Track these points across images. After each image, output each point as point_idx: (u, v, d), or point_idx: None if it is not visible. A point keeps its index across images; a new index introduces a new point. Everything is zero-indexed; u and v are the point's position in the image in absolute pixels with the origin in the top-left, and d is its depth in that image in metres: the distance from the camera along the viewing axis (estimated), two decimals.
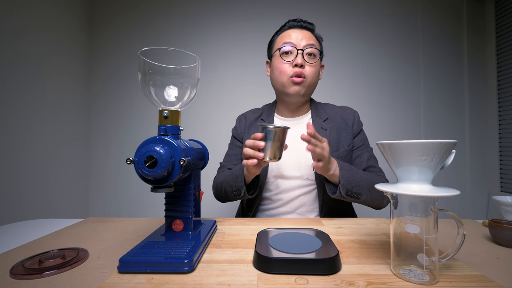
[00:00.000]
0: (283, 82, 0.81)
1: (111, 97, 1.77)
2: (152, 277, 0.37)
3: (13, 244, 0.52)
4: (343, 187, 0.67)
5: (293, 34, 0.81)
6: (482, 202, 1.71)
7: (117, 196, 1.76)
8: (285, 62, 0.80)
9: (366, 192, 0.70)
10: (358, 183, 0.69)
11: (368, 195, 0.70)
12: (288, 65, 0.80)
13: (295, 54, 0.79)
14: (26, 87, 1.30)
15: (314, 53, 0.80)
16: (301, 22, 0.83)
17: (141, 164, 0.39)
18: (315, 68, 0.81)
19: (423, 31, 1.74)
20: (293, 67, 0.79)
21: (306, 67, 0.80)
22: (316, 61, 0.81)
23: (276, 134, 0.61)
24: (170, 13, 1.76)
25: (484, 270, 0.40)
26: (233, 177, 0.75)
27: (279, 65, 0.82)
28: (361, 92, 1.73)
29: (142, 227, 0.61)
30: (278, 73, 0.82)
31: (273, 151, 0.62)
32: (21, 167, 1.27)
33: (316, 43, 0.82)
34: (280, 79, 0.82)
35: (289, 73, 0.79)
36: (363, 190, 0.70)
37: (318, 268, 0.38)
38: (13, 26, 1.23)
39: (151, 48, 0.46)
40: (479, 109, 1.72)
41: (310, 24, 0.84)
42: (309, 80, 0.80)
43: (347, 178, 0.68)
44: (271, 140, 0.61)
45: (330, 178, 0.69)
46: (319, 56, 0.82)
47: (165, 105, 0.47)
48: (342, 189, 0.67)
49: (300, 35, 0.80)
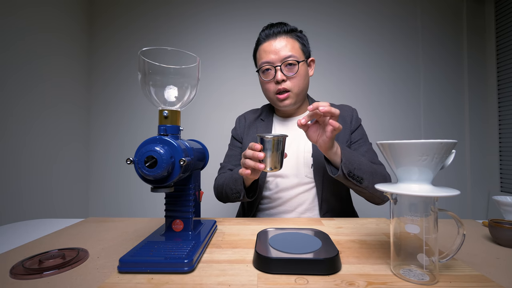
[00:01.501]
0: (270, 98, 0.84)
1: (111, 98, 1.77)
2: (152, 277, 0.37)
3: (13, 244, 0.52)
4: (345, 166, 0.65)
5: (267, 48, 0.80)
6: (482, 202, 1.71)
7: (117, 196, 1.76)
8: (266, 82, 0.82)
9: (368, 178, 0.67)
10: (360, 166, 0.67)
11: (370, 181, 0.68)
12: (271, 83, 0.81)
13: (273, 71, 0.79)
14: (26, 88, 1.30)
15: (293, 63, 0.79)
16: (274, 28, 0.81)
17: (141, 164, 0.39)
18: (298, 78, 0.80)
19: (423, 31, 1.74)
20: (275, 83, 0.80)
21: (288, 80, 0.79)
22: (296, 71, 0.79)
23: (274, 143, 0.60)
24: (170, 13, 1.76)
25: (484, 270, 0.40)
26: (232, 180, 0.75)
27: (262, 84, 0.85)
28: (361, 92, 1.73)
29: (142, 227, 0.61)
30: (264, 90, 0.85)
31: (273, 161, 0.61)
32: (21, 167, 1.27)
33: (294, 49, 0.79)
34: (267, 95, 0.85)
35: (273, 90, 0.81)
36: (365, 175, 0.67)
37: (318, 268, 0.38)
38: (13, 27, 1.23)
39: (151, 48, 0.46)
40: (479, 109, 1.72)
41: (282, 25, 0.81)
42: (295, 90, 0.80)
43: (349, 158, 0.66)
44: (270, 150, 0.61)
45: (332, 157, 0.66)
46: (298, 65, 0.79)
47: (165, 105, 0.47)
48: (344, 168, 0.64)
49: (276, 47, 0.79)
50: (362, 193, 0.72)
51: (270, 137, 0.60)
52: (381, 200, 0.74)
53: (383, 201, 0.74)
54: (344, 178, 0.66)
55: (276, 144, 0.60)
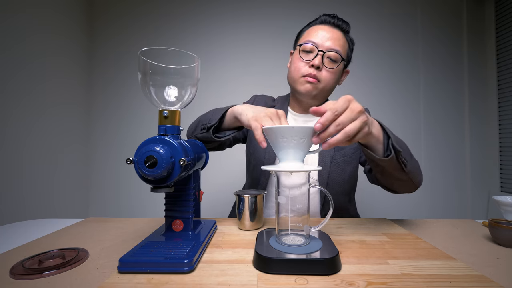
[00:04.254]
0: (295, 78, 0.79)
1: (111, 98, 1.77)
2: (152, 277, 0.37)
3: (13, 244, 0.52)
4: (396, 143, 0.51)
5: (321, 32, 0.76)
6: (482, 202, 1.71)
7: (117, 196, 1.76)
8: (302, 60, 0.77)
9: (410, 160, 0.56)
10: (403, 146, 0.55)
11: (411, 164, 0.57)
12: (305, 64, 0.76)
13: (315, 53, 0.75)
14: (27, 89, 1.30)
15: (336, 59, 0.75)
16: (335, 19, 0.78)
17: (141, 164, 0.39)
18: (332, 74, 0.77)
19: (423, 31, 1.74)
20: (310, 67, 0.75)
21: (323, 70, 0.75)
22: (335, 67, 0.76)
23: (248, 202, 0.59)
24: (170, 13, 1.76)
25: (484, 270, 0.40)
26: (214, 110, 0.69)
27: (296, 61, 0.79)
28: (361, 92, 1.73)
29: (142, 227, 0.61)
30: (293, 69, 0.80)
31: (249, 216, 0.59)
32: (22, 167, 1.27)
33: (342, 48, 0.77)
34: (294, 75, 0.79)
35: (303, 72, 0.76)
36: (408, 156, 0.56)
37: (318, 268, 0.38)
38: (13, 28, 1.23)
39: (151, 48, 0.46)
40: (479, 109, 1.72)
41: (344, 23, 0.79)
42: (323, 84, 0.76)
43: (393, 138, 0.52)
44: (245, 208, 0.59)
45: (367, 139, 0.51)
46: (340, 62, 0.76)
47: (165, 105, 0.47)
48: (397, 146, 0.51)
49: (328, 35, 0.75)
50: (400, 180, 0.59)
51: (247, 196, 0.59)
52: (416, 187, 0.62)
53: (417, 187, 0.63)
54: (396, 160, 0.52)
55: (249, 202, 0.59)
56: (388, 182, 0.63)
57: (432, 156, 1.72)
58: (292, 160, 0.45)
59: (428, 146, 1.73)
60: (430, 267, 0.40)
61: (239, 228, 0.60)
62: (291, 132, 0.42)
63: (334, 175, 0.78)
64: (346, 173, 0.80)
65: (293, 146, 0.43)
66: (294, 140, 0.43)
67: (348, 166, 0.80)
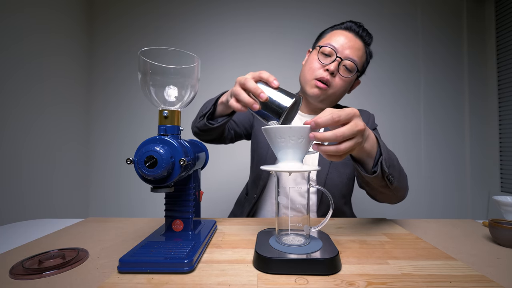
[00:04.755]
0: (306, 79, 0.79)
1: (111, 97, 1.77)
2: (152, 277, 0.37)
3: (13, 244, 0.52)
4: (385, 161, 0.50)
5: (343, 38, 0.76)
6: (482, 202, 1.71)
7: (117, 196, 1.76)
8: (319, 62, 0.77)
9: (397, 176, 0.55)
10: (393, 162, 0.54)
11: (398, 180, 0.56)
12: (320, 66, 0.76)
13: (333, 59, 0.74)
14: (26, 88, 1.30)
15: (351, 68, 0.76)
16: (361, 30, 0.77)
17: (141, 164, 0.39)
18: (344, 82, 0.77)
19: (423, 31, 1.74)
20: (324, 70, 0.75)
21: (337, 77, 0.75)
22: (349, 76, 0.76)
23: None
24: (170, 13, 1.76)
25: (484, 270, 0.40)
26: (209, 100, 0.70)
27: (312, 61, 0.78)
28: (361, 92, 1.73)
29: (142, 227, 0.61)
30: (307, 68, 0.79)
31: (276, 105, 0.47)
32: (21, 167, 1.27)
33: (360, 60, 0.77)
34: (306, 75, 0.79)
35: (317, 75, 0.76)
36: (396, 173, 0.54)
37: (318, 268, 0.38)
38: (13, 27, 1.23)
39: (151, 48, 0.46)
40: (479, 109, 1.72)
41: (368, 35, 0.79)
42: (333, 90, 0.76)
43: (387, 153, 0.52)
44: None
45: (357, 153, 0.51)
46: (354, 73, 0.76)
47: (165, 105, 0.47)
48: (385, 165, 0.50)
49: (349, 43, 0.75)
50: (382, 193, 0.59)
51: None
52: (398, 201, 0.63)
53: (399, 201, 0.63)
54: (381, 178, 0.52)
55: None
56: (372, 192, 0.63)
57: (432, 156, 1.72)
58: (291, 160, 0.45)
59: (428, 146, 1.73)
60: (430, 267, 0.40)
61: None
62: (289, 132, 0.42)
63: (332, 176, 0.78)
64: (345, 175, 0.80)
65: (291, 146, 0.43)
66: (292, 140, 0.43)
67: (347, 168, 0.80)
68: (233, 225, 0.63)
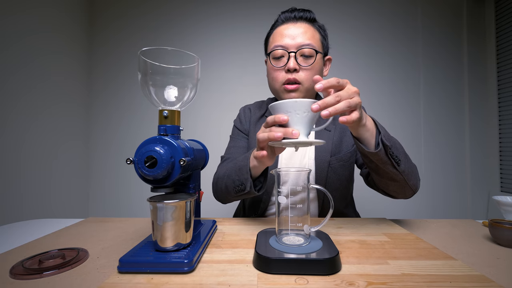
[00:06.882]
0: (276, 89, 0.76)
1: (111, 97, 1.77)
2: (152, 277, 0.37)
3: (13, 244, 0.52)
4: (385, 138, 0.52)
5: (286, 32, 0.72)
6: (482, 202, 1.71)
7: (117, 196, 1.76)
8: (276, 68, 0.73)
9: (404, 160, 0.55)
10: (395, 144, 0.55)
11: (406, 164, 0.56)
12: (280, 71, 0.73)
13: (287, 57, 0.71)
14: (27, 87, 1.30)
15: (310, 54, 0.71)
16: (296, 12, 0.73)
17: (141, 164, 0.39)
18: (312, 71, 0.72)
19: (423, 31, 1.74)
20: (286, 72, 0.72)
21: (301, 71, 0.71)
22: (311, 64, 0.71)
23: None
24: (170, 13, 1.76)
25: (484, 270, 0.40)
26: (236, 168, 0.62)
27: (271, 71, 0.76)
28: (361, 92, 1.72)
29: (142, 227, 0.61)
30: (270, 79, 0.77)
31: None
32: (21, 167, 1.27)
33: (314, 40, 0.72)
34: (274, 85, 0.76)
35: (281, 80, 0.72)
36: (401, 156, 0.55)
37: (318, 268, 0.38)
38: (13, 27, 1.23)
39: (151, 48, 0.46)
40: (479, 109, 1.72)
41: (306, 12, 0.74)
42: (306, 85, 0.72)
43: (385, 132, 0.54)
44: None
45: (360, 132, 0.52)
46: (316, 56, 0.72)
47: (165, 105, 0.47)
48: (385, 140, 0.51)
49: (294, 32, 0.71)
50: (394, 181, 0.58)
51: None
52: (413, 191, 0.61)
53: (414, 192, 0.62)
54: (385, 154, 0.52)
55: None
56: (383, 183, 0.61)
57: (432, 156, 1.72)
58: None
59: (428, 146, 1.73)
60: (430, 267, 0.40)
61: None
62: (294, 105, 0.45)
63: (331, 180, 0.76)
64: (344, 178, 0.79)
65: (297, 121, 0.46)
66: (298, 114, 0.45)
67: (345, 170, 0.79)
68: (233, 225, 0.63)
